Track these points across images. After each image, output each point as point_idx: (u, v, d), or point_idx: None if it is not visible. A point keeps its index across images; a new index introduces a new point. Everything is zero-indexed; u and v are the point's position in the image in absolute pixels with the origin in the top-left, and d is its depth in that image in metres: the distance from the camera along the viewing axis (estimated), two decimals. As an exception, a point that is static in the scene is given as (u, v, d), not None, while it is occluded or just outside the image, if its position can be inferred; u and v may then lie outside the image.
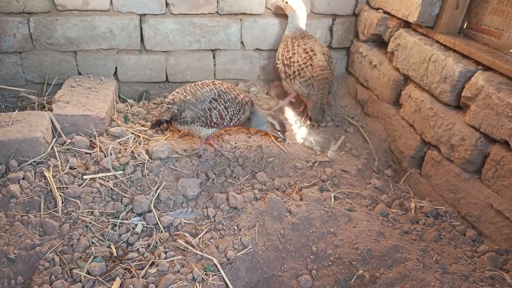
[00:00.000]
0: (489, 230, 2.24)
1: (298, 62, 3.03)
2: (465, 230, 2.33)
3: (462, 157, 2.38)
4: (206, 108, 2.53)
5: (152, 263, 1.95)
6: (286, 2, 3.16)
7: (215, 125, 2.59)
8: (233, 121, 2.64)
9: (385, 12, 3.20)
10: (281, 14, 3.38)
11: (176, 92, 2.63)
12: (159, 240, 2.10)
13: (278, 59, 3.23)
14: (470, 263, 2.07)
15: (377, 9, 3.30)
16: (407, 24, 3.00)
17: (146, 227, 2.18)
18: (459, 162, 2.41)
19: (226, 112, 2.56)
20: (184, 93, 2.58)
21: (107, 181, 2.37)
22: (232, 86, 2.69)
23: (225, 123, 2.61)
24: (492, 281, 1.94)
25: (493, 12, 2.48)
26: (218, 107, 2.54)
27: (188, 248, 2.03)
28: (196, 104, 2.54)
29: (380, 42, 3.37)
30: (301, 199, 2.43)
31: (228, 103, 2.56)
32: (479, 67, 2.38)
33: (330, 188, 2.55)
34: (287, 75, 3.10)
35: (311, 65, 3.00)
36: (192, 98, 2.54)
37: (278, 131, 2.77)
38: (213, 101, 2.54)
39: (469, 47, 2.47)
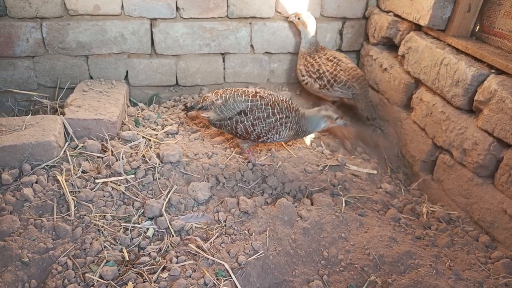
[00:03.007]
0: (502, 236, 2.22)
1: (328, 71, 3.10)
2: (478, 235, 2.31)
3: (475, 162, 2.36)
4: (234, 119, 2.51)
5: (164, 268, 1.95)
6: (298, 19, 3.23)
7: (241, 138, 2.57)
8: (262, 139, 2.53)
9: (395, 15, 3.19)
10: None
11: (216, 92, 2.65)
12: (171, 244, 2.11)
13: (302, 75, 3.28)
14: (484, 269, 2.04)
15: (388, 12, 3.28)
16: (418, 27, 2.99)
17: (157, 231, 2.19)
18: (472, 167, 2.39)
19: (252, 129, 2.49)
20: (218, 95, 2.59)
21: (119, 185, 2.38)
22: (277, 102, 2.50)
23: (251, 138, 2.55)
24: (507, 288, 1.92)
25: (506, 15, 2.45)
26: (245, 122, 2.48)
27: (200, 253, 2.03)
28: (223, 110, 2.54)
29: (390, 45, 3.35)
30: (312, 204, 2.42)
31: (257, 121, 2.47)
32: (492, 70, 2.36)
33: (341, 193, 2.54)
34: (322, 86, 3.15)
35: (342, 69, 3.09)
36: (221, 103, 2.54)
37: (337, 119, 2.55)
38: (242, 113, 2.49)
39: (481, 51, 2.44)
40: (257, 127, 2.47)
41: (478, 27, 2.69)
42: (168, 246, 2.09)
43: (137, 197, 2.36)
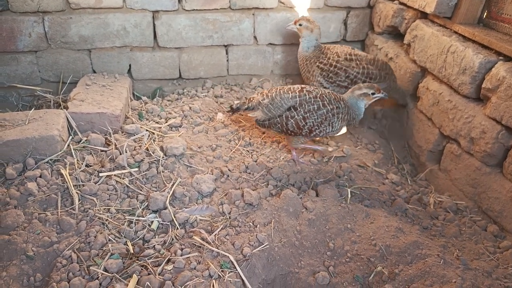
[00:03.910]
0: (511, 225, 2.18)
1: (359, 73, 2.83)
2: (486, 225, 2.28)
3: (482, 151, 2.31)
4: (283, 116, 2.47)
5: (168, 260, 1.94)
6: (300, 25, 2.93)
7: (292, 134, 2.52)
8: (314, 133, 2.49)
9: (401, 3, 3.13)
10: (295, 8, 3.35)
11: (260, 93, 2.61)
12: (175, 237, 2.10)
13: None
14: (493, 259, 2.01)
15: (393, 0, 3.23)
16: (424, 15, 2.94)
17: (161, 224, 2.18)
18: (480, 156, 2.35)
19: (304, 123, 2.44)
20: (264, 95, 2.55)
21: (123, 178, 2.38)
22: (325, 94, 2.46)
23: (303, 133, 2.49)
24: (516, 278, 1.89)
25: (514, 0, 2.40)
26: (296, 116, 2.43)
27: (204, 245, 2.02)
28: (271, 109, 2.50)
29: (396, 34, 3.31)
30: (317, 195, 2.40)
31: (308, 114, 2.43)
32: (500, 57, 2.31)
33: (346, 184, 2.51)
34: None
35: (366, 63, 2.84)
36: (268, 102, 2.51)
37: (373, 94, 2.45)
38: (292, 109, 2.45)
39: (489, 37, 2.39)
40: (309, 120, 2.43)
41: (485, 13, 2.63)
42: (172, 239, 2.08)
43: (141, 190, 2.35)
